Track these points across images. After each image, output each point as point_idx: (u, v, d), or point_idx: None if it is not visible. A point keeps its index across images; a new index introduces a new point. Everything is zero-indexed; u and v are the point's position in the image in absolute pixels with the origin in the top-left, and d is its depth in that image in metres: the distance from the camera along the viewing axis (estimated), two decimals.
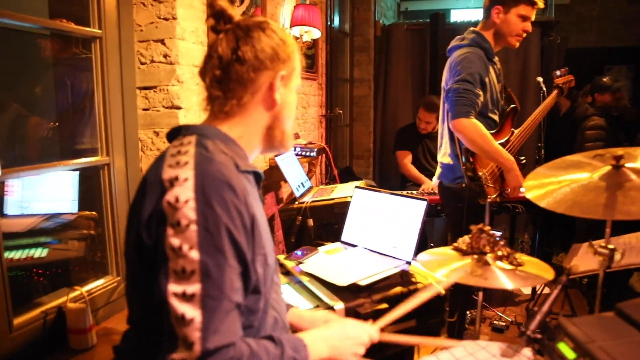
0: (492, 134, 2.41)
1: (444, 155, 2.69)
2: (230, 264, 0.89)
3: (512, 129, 2.64)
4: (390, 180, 4.78)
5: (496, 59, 2.64)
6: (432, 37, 4.74)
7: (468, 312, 3.04)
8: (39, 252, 2.02)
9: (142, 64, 1.98)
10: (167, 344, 0.84)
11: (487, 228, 1.54)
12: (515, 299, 3.63)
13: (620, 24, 6.60)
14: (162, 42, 1.95)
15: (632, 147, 3.67)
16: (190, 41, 2.04)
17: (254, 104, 1.07)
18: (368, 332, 1.19)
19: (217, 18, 1.07)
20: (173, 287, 0.84)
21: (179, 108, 1.98)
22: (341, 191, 2.56)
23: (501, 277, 1.48)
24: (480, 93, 2.36)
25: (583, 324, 1.27)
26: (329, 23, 4.04)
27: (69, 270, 2.08)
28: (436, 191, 3.64)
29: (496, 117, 2.60)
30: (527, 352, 1.33)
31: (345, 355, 1.12)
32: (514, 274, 1.49)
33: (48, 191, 2.27)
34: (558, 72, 3.11)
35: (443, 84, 2.62)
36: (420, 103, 4.14)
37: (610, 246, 1.55)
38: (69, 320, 1.63)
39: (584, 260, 2.09)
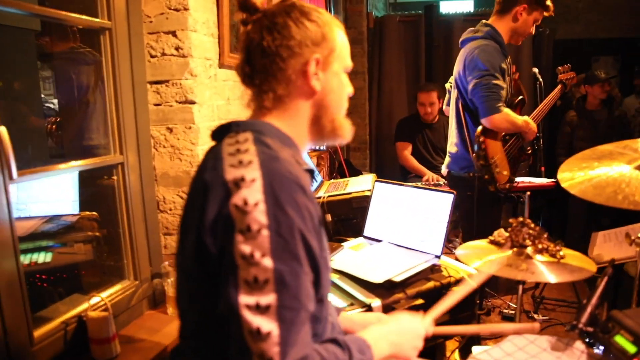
0: None
1: (451, 144, 2.69)
2: (305, 270, 0.82)
3: None
4: (388, 171, 4.75)
5: (535, 70, 2.71)
6: (426, 28, 4.71)
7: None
8: (42, 257, 1.92)
9: (152, 57, 1.88)
10: (237, 359, 0.78)
11: (528, 221, 1.50)
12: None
13: (606, 16, 6.66)
14: (174, 34, 1.86)
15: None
16: (202, 33, 1.95)
17: (292, 95, 0.99)
18: (423, 324, 1.15)
19: (244, 10, 1.00)
20: (245, 299, 0.76)
21: (192, 103, 1.90)
22: (356, 185, 2.51)
23: (545, 270, 1.44)
24: (504, 84, 2.42)
25: (637, 315, 1.25)
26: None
27: (75, 275, 1.98)
28: (440, 182, 3.63)
29: None
30: (580, 345, 1.30)
31: (406, 350, 1.07)
32: (557, 267, 1.46)
33: (45, 192, 2.17)
34: (561, 68, 3.19)
35: (455, 74, 2.59)
36: (416, 89, 4.12)
37: None
38: (91, 330, 1.54)
39: (606, 249, 2.08)
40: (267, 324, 0.76)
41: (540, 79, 3.74)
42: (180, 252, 0.93)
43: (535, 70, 3.81)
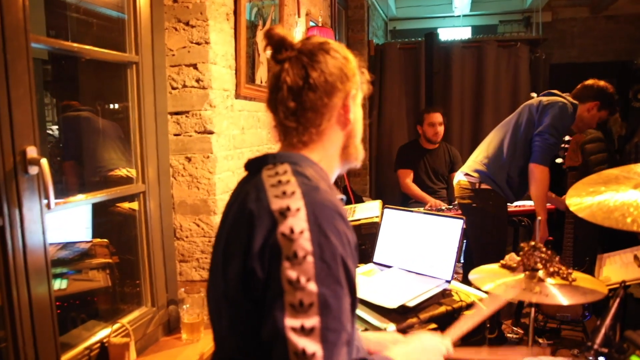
0: None
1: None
2: (345, 293, 0.87)
3: None
4: (388, 197, 4.79)
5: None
6: (426, 55, 4.83)
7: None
8: (57, 284, 1.95)
9: (173, 88, 1.95)
10: None
11: (540, 245, 1.56)
12: (523, 310, 3.65)
13: (599, 40, 6.86)
14: (195, 66, 1.93)
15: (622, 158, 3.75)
16: (221, 65, 2.03)
17: (330, 128, 1.04)
18: (444, 343, 1.20)
19: (278, 47, 1.04)
20: (290, 322, 0.81)
21: (211, 133, 1.96)
22: (364, 211, 2.56)
23: (557, 293, 1.49)
24: (561, 145, 2.84)
25: None
26: None
27: (88, 302, 2.01)
28: (443, 208, 3.69)
29: None
30: None
31: None
32: (569, 289, 1.51)
33: (60, 219, 2.21)
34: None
35: (531, 107, 2.88)
36: (422, 112, 4.17)
37: None
38: (113, 356, 1.57)
39: (614, 270, 2.13)
40: (311, 346, 0.80)
41: None
42: (220, 278, 0.97)
43: (534, 94, 3.91)
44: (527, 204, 3.50)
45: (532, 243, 1.57)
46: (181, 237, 2.05)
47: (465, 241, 3.12)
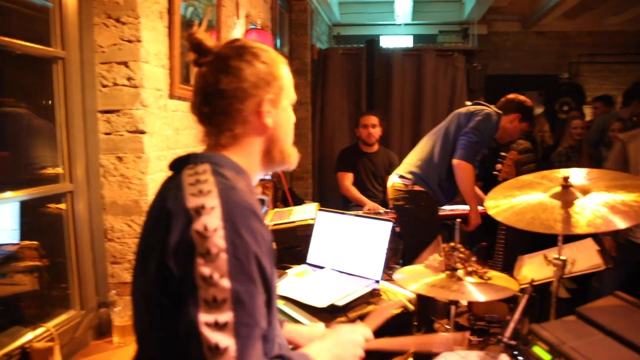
0: None
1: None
2: (259, 290, 0.90)
3: None
4: (330, 200, 4.85)
5: None
6: (367, 62, 4.94)
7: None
8: None
9: (103, 86, 1.91)
10: None
11: (459, 246, 1.65)
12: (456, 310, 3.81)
13: (529, 54, 7.29)
14: (126, 64, 1.90)
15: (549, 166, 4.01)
16: (154, 64, 2.01)
17: (247, 133, 1.06)
18: (361, 332, 1.24)
19: (196, 51, 1.06)
20: (204, 317, 0.83)
21: (143, 132, 1.94)
22: (300, 214, 2.59)
23: (474, 291, 1.59)
24: (484, 151, 3.06)
25: (551, 328, 1.41)
26: (274, 47, 4.10)
27: (14, 306, 1.93)
28: (380, 211, 3.78)
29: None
30: (504, 357, 1.43)
31: (348, 359, 1.16)
32: (484, 287, 1.60)
33: None
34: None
35: (460, 115, 3.05)
36: (358, 116, 4.26)
37: (563, 257, 1.72)
38: None
39: (531, 270, 2.27)
40: (225, 340, 0.82)
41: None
42: (140, 276, 0.97)
43: (468, 103, 4.10)
44: (460, 207, 3.65)
45: (452, 244, 1.66)
46: (113, 239, 2.01)
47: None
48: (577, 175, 1.76)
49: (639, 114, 4.49)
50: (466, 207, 3.47)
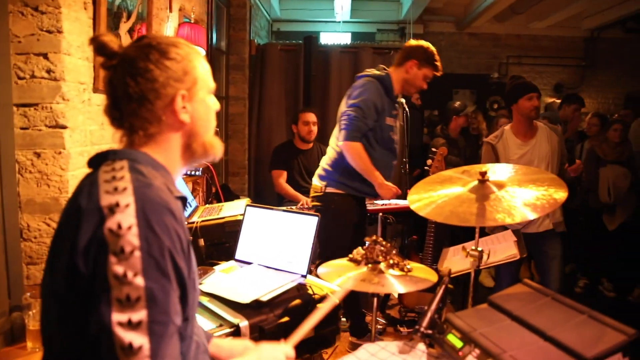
0: None
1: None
2: (174, 287, 0.90)
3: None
4: (267, 196, 4.86)
5: (402, 100, 3.05)
6: (305, 58, 4.96)
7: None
8: None
9: (20, 78, 1.82)
10: None
11: (380, 239, 1.70)
12: (388, 302, 3.91)
13: (463, 54, 7.58)
14: (45, 56, 1.82)
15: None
16: (77, 57, 1.94)
17: (163, 131, 1.04)
18: (283, 351, 1.24)
19: (101, 54, 1.02)
20: (117, 316, 0.82)
21: (64, 127, 1.86)
22: (230, 209, 2.57)
23: (395, 283, 1.64)
24: (371, 121, 2.75)
25: (465, 316, 1.48)
26: (209, 41, 4.04)
27: None
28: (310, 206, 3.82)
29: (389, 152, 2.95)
30: (422, 346, 1.49)
31: None
32: (405, 279, 1.66)
33: None
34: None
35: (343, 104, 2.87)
36: (297, 112, 4.29)
37: (480, 248, 1.81)
38: None
39: (453, 262, 2.37)
40: (138, 339, 0.82)
41: (407, 109, 4.14)
42: (50, 275, 0.94)
43: (402, 100, 4.20)
44: (393, 202, 3.75)
45: (374, 237, 1.71)
46: (29, 238, 1.92)
47: None
48: (501, 170, 1.85)
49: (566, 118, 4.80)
50: (399, 202, 3.56)
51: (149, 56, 1.00)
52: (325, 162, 2.99)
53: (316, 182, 3.00)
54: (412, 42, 2.93)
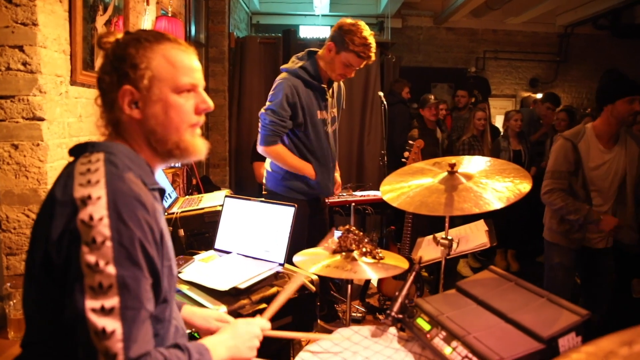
0: None
1: None
2: (145, 275, 0.95)
3: None
4: (248, 187, 4.90)
5: (380, 94, 2.82)
6: (284, 51, 4.99)
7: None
8: None
9: None
10: None
11: (353, 228, 1.76)
12: (368, 291, 4.00)
13: (441, 48, 7.69)
14: (21, 48, 1.83)
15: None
16: (53, 49, 1.95)
17: (129, 125, 1.08)
18: (258, 324, 1.29)
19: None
20: (90, 303, 0.87)
21: (41, 119, 1.88)
22: (209, 200, 2.62)
23: (367, 270, 1.71)
24: (289, 121, 2.53)
25: (433, 301, 1.56)
26: (187, 34, 4.04)
27: None
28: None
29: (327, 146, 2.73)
30: (393, 330, 1.56)
31: (243, 350, 1.20)
32: (377, 266, 1.73)
33: None
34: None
35: None
36: None
37: (450, 237, 1.88)
38: None
39: (427, 251, 2.45)
40: (111, 324, 0.87)
41: (385, 102, 4.21)
42: (30, 261, 0.99)
43: (381, 93, 4.27)
44: (371, 193, 3.83)
45: (347, 226, 1.77)
46: (8, 229, 1.94)
47: None
48: (476, 163, 1.92)
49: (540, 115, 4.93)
50: (371, 193, 3.64)
51: (104, 44, 1.08)
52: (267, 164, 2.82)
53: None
54: (344, 20, 2.54)
